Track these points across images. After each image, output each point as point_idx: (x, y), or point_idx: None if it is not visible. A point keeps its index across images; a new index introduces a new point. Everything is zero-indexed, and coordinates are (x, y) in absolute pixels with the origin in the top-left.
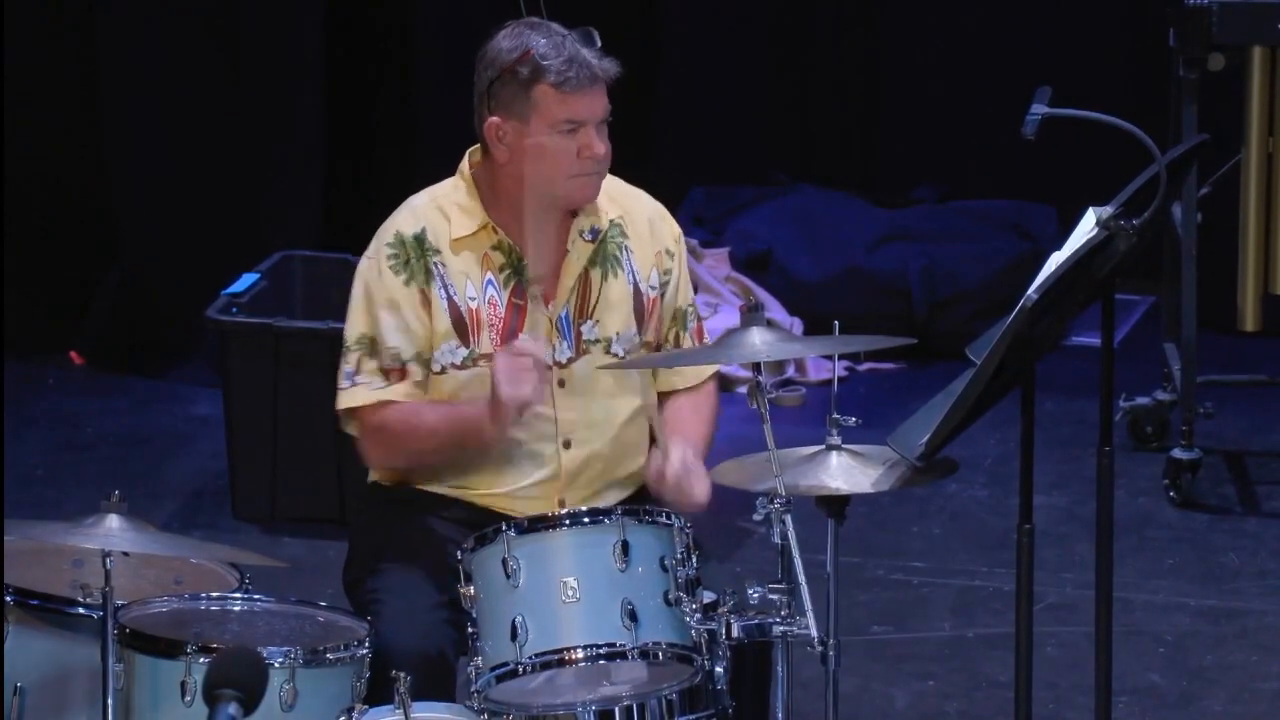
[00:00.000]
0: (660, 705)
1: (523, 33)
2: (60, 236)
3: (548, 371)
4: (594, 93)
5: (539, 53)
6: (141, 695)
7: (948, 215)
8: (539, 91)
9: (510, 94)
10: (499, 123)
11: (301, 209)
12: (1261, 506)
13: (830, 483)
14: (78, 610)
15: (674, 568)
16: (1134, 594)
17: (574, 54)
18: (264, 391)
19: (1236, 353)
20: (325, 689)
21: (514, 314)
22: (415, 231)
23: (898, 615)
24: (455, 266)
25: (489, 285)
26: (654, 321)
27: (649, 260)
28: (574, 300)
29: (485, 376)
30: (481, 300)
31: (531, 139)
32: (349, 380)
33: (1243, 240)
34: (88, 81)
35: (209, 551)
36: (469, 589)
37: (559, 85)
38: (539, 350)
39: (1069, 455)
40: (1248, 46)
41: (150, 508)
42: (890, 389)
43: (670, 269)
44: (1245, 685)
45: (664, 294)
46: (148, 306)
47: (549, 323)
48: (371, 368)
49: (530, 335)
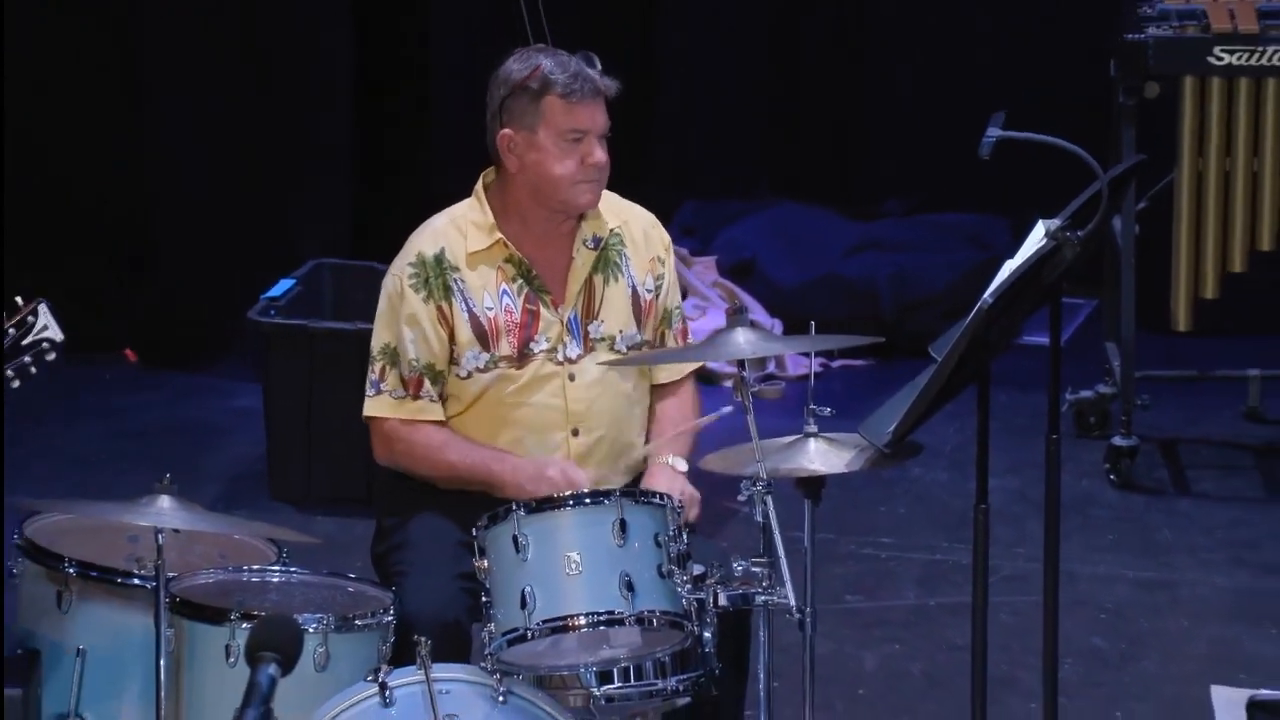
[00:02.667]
0: (654, 666)
1: (531, 55)
2: (113, 246)
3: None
4: (596, 105)
5: (547, 70)
6: (190, 657)
7: (914, 227)
8: (547, 103)
9: (521, 107)
10: (510, 134)
11: (332, 220)
12: (1192, 489)
13: (807, 467)
14: (133, 581)
15: (667, 543)
16: (1078, 567)
17: (579, 70)
18: (299, 385)
19: (1170, 351)
20: (355, 652)
21: (529, 318)
22: (435, 252)
23: (868, 586)
24: (473, 281)
25: (504, 295)
26: (651, 320)
27: (644, 266)
28: (580, 302)
29: (507, 375)
30: (499, 309)
31: (539, 147)
32: (374, 388)
33: (1175, 250)
34: (131, 99)
35: (250, 529)
36: (483, 562)
37: (565, 96)
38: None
39: (1021, 442)
40: (1180, 76)
41: (197, 490)
42: (861, 383)
43: (662, 274)
44: (1177, 648)
45: (658, 296)
46: (194, 309)
47: (560, 324)
48: (394, 377)
49: (589, 482)
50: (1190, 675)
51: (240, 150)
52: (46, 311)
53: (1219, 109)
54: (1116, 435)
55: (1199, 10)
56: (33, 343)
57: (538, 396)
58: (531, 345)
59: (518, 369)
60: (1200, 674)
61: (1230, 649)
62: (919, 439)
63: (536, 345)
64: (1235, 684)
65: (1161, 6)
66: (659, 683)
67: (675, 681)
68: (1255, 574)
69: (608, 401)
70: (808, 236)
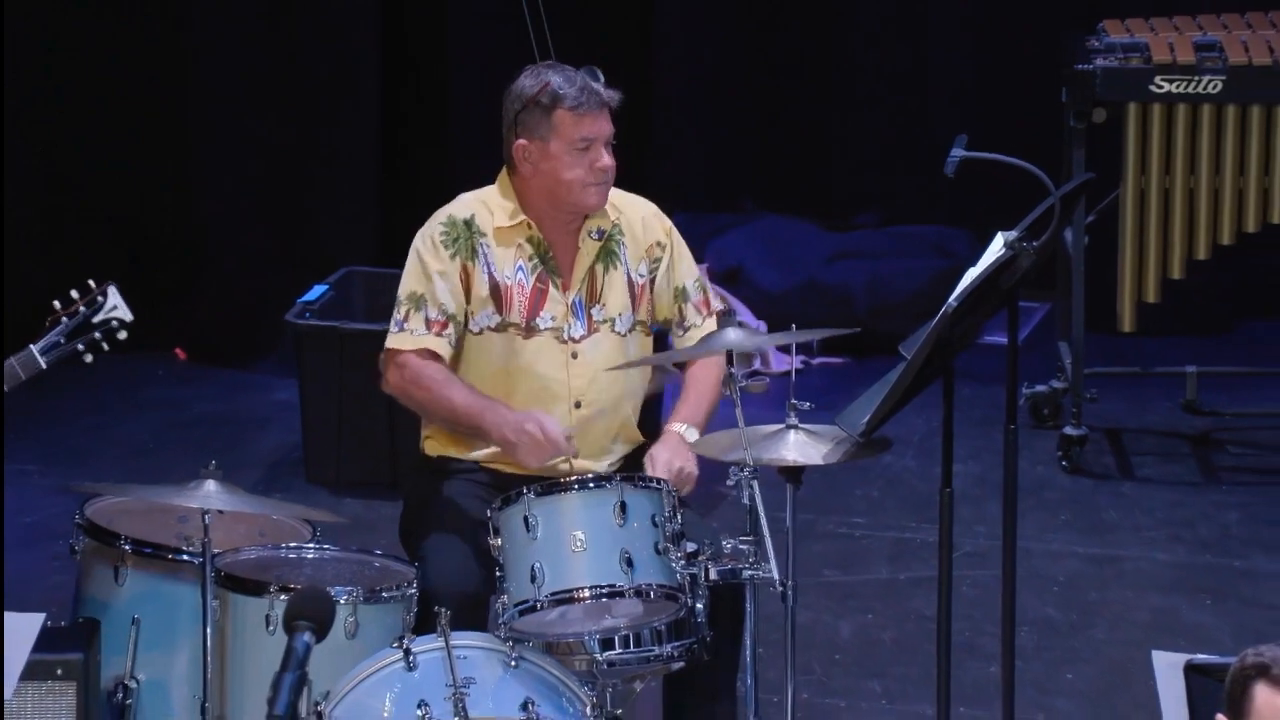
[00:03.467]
0: (651, 634)
1: (542, 72)
2: (165, 256)
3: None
4: (602, 115)
5: (555, 85)
6: (233, 626)
7: (885, 238)
8: (557, 116)
9: (534, 120)
10: (525, 145)
11: (361, 232)
12: (1135, 473)
13: (789, 455)
14: (182, 557)
15: (663, 523)
16: (1033, 544)
17: (585, 84)
18: (331, 381)
19: (1116, 349)
20: (381, 621)
21: (537, 295)
22: (466, 216)
23: (843, 562)
24: (497, 249)
25: (519, 270)
26: (644, 303)
27: (640, 254)
28: (584, 288)
29: (516, 342)
30: (514, 281)
31: (552, 156)
32: (397, 326)
33: (1121, 258)
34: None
35: (286, 510)
36: (497, 540)
37: (574, 109)
38: (565, 448)
39: (982, 432)
40: (1124, 103)
41: (239, 474)
42: (838, 379)
43: (660, 257)
44: (1122, 616)
45: (654, 279)
46: (237, 313)
47: (565, 305)
48: (418, 319)
49: (571, 441)
50: (1134, 641)
51: (278, 170)
52: (116, 293)
53: (1159, 132)
54: (1068, 425)
55: (1141, 43)
56: (104, 320)
57: (543, 370)
58: (538, 320)
59: (525, 338)
60: (1142, 640)
61: (1169, 618)
62: (888, 432)
63: (543, 321)
64: (1174, 649)
65: (1108, 40)
66: (656, 649)
67: (671, 648)
68: (1192, 550)
69: (608, 378)
70: (789, 246)
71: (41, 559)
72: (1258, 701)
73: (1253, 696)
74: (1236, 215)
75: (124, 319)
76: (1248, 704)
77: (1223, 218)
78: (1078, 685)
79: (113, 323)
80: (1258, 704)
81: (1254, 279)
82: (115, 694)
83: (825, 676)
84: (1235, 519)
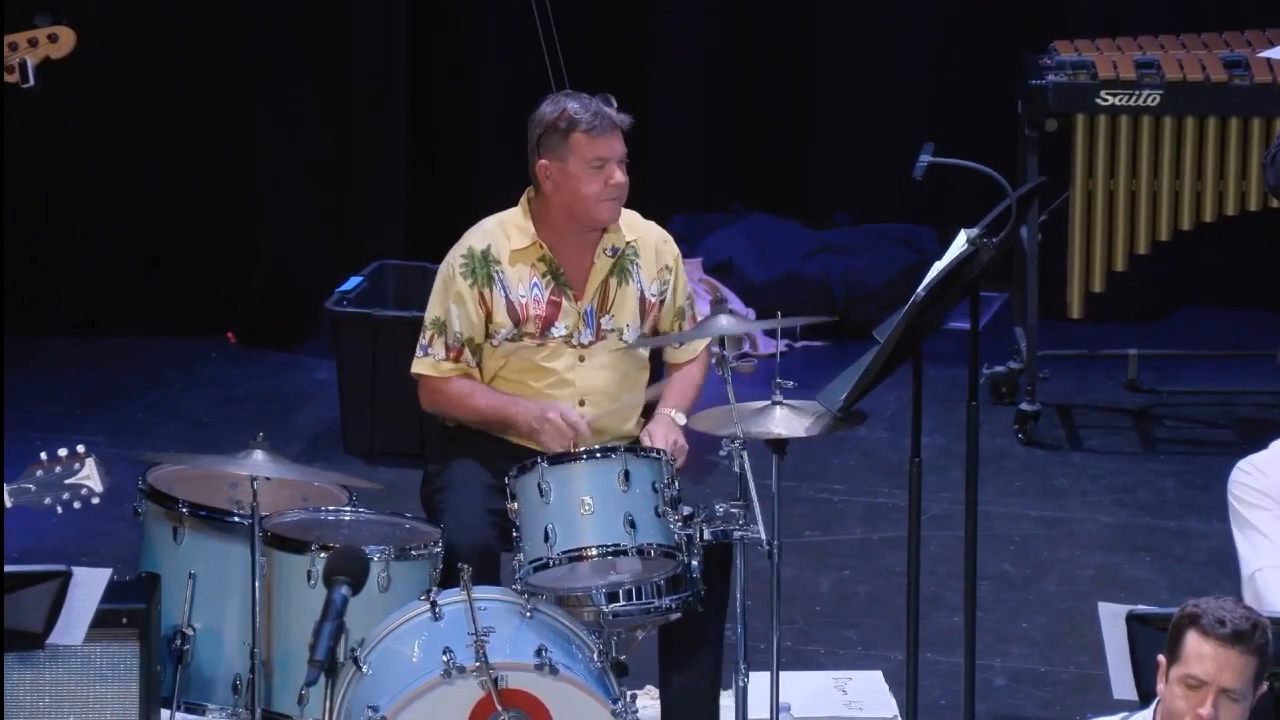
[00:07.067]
0: (652, 588)
1: (560, 100)
2: (220, 252)
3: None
4: (615, 136)
5: (573, 111)
6: (278, 580)
7: (859, 235)
8: (574, 138)
9: (554, 142)
10: (546, 164)
11: (391, 230)
12: (1083, 445)
13: (775, 428)
14: (233, 519)
15: (662, 489)
16: (992, 507)
17: (599, 109)
18: (365, 362)
19: (1066, 334)
20: (410, 576)
21: (552, 309)
22: (483, 248)
23: (823, 524)
24: (512, 273)
25: (534, 287)
26: (652, 318)
27: (653, 274)
28: (596, 299)
29: (529, 348)
30: (529, 298)
31: (570, 174)
32: (423, 351)
33: (1070, 253)
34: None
35: (326, 477)
36: (513, 504)
37: (589, 131)
38: (585, 432)
39: (947, 408)
40: (1073, 114)
41: (284, 445)
42: (818, 361)
43: (668, 280)
44: (1070, 572)
45: (664, 299)
46: (282, 300)
47: (577, 314)
48: (440, 345)
49: (589, 429)
50: (1081, 594)
51: (320, 179)
52: (94, 465)
53: (1104, 141)
54: (1023, 402)
55: (1088, 61)
56: (74, 484)
57: (554, 371)
58: (552, 330)
59: (538, 344)
60: (1089, 593)
61: (1112, 573)
62: (864, 408)
63: (556, 330)
64: (1117, 601)
65: (1058, 58)
66: (656, 602)
67: (669, 601)
68: (1132, 513)
69: (612, 381)
70: (774, 242)
71: (109, 520)
72: (1188, 646)
73: (1185, 641)
74: (1173, 215)
75: (94, 489)
76: (1181, 648)
77: (1161, 217)
78: (1031, 633)
79: (82, 490)
80: (1187, 648)
81: (1189, 271)
82: (174, 640)
83: (806, 626)
84: (1171, 485)
